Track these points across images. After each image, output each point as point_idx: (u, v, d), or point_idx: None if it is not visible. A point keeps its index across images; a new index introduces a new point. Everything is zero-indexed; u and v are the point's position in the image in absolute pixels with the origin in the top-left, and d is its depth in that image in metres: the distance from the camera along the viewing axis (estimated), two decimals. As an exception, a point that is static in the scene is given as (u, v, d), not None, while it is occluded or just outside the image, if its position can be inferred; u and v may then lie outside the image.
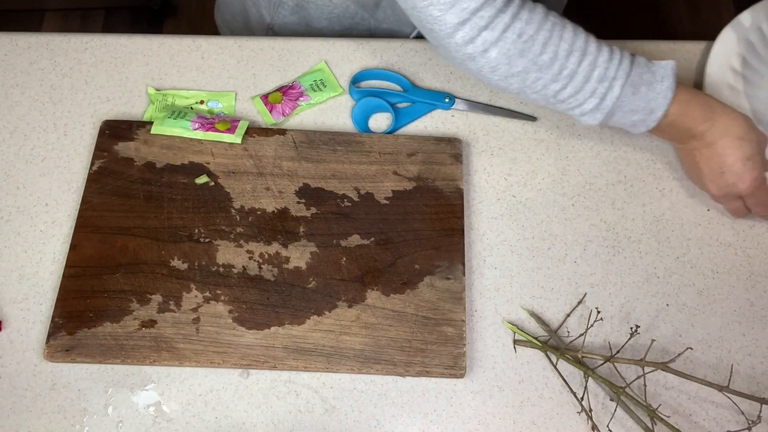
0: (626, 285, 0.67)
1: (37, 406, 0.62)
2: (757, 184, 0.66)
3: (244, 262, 0.66)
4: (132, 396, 0.62)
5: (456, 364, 0.62)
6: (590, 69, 0.61)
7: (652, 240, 0.69)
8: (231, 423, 0.61)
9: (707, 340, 0.65)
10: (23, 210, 0.69)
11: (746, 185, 0.65)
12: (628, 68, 0.61)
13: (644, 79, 0.62)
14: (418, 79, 0.77)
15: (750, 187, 0.65)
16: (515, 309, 0.66)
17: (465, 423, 0.62)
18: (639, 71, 0.62)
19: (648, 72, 0.63)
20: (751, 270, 0.68)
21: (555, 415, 0.62)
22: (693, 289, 0.67)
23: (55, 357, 0.62)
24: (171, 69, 0.77)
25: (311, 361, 0.62)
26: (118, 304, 0.64)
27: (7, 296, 0.66)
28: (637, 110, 0.63)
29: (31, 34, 0.78)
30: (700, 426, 0.62)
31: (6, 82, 0.76)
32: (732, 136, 0.65)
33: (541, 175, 0.72)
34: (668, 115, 0.64)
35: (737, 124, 0.65)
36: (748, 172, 0.65)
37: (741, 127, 0.65)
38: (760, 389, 0.64)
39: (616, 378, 0.63)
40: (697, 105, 0.65)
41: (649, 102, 0.63)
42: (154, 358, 0.62)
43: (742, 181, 0.65)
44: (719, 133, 0.65)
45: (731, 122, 0.65)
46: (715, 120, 0.65)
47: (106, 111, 0.74)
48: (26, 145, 0.72)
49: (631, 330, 0.64)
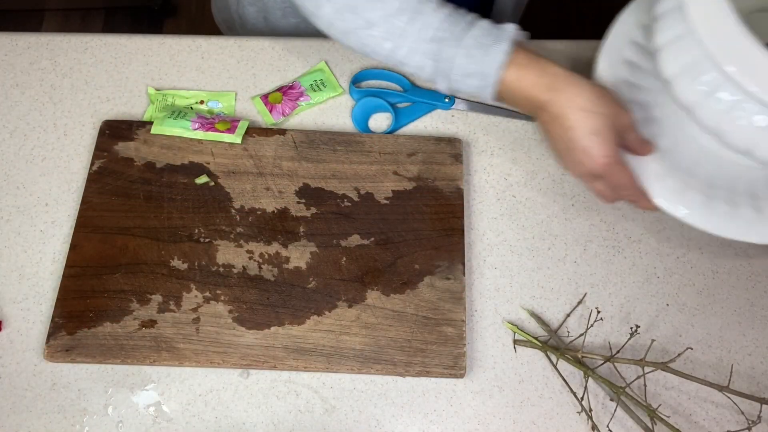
0: (626, 285, 0.67)
1: (37, 406, 0.62)
2: (608, 163, 0.59)
3: (244, 262, 0.66)
4: (132, 396, 0.62)
5: (456, 364, 0.62)
6: (422, 29, 0.59)
7: (652, 240, 0.69)
8: (231, 423, 0.61)
9: (707, 340, 0.65)
10: (23, 210, 0.69)
11: (595, 163, 0.59)
12: (462, 31, 0.59)
13: (481, 42, 0.59)
14: (418, 79, 0.77)
15: (601, 165, 0.59)
16: (515, 309, 0.66)
17: (465, 423, 0.62)
18: (476, 34, 0.59)
19: (488, 35, 0.59)
20: (751, 270, 0.68)
21: (555, 415, 0.62)
22: (693, 289, 0.67)
23: (55, 357, 0.62)
24: (171, 69, 0.77)
25: (311, 361, 0.62)
26: (118, 304, 0.64)
27: (7, 296, 0.66)
28: (473, 74, 0.60)
29: (31, 34, 0.78)
30: (700, 426, 0.62)
31: (6, 82, 0.76)
32: (576, 108, 0.58)
33: (541, 175, 0.72)
34: (505, 81, 0.60)
35: (584, 95, 0.58)
36: (595, 147, 0.58)
37: (587, 98, 0.58)
38: (760, 389, 0.64)
39: (616, 378, 0.63)
40: (537, 72, 0.59)
41: (483, 66, 0.59)
42: (154, 358, 0.62)
43: (590, 159, 0.59)
44: (563, 104, 0.59)
45: (577, 93, 0.59)
46: (558, 90, 0.59)
47: (106, 111, 0.74)
48: (26, 145, 0.72)
49: (631, 330, 0.64)
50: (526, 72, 0.59)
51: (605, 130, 0.58)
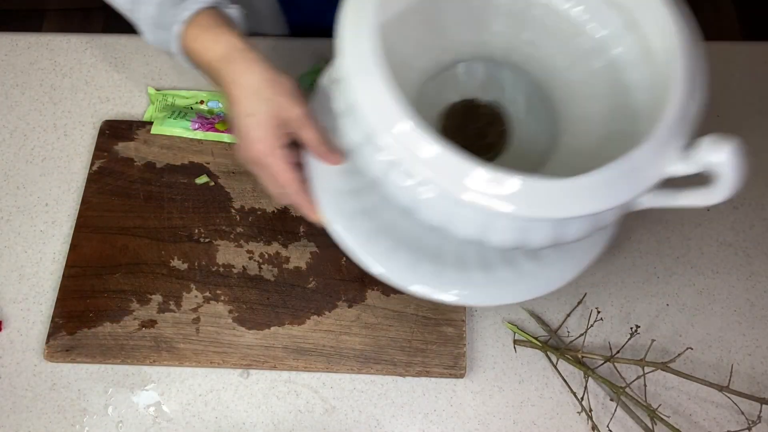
0: (626, 285, 0.67)
1: (37, 406, 0.62)
2: (262, 151, 0.54)
3: (244, 262, 0.66)
4: (132, 396, 0.62)
5: (456, 364, 0.62)
6: None
7: (652, 240, 0.69)
8: (231, 423, 0.61)
9: (707, 340, 0.65)
10: (23, 210, 0.69)
11: (249, 148, 0.54)
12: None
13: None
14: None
15: (255, 152, 0.54)
16: (515, 309, 0.66)
17: (465, 423, 0.62)
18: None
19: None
20: (751, 270, 0.68)
21: (555, 415, 0.62)
22: (693, 289, 0.67)
23: (55, 357, 0.62)
24: (171, 69, 0.77)
25: (311, 361, 0.62)
26: (118, 304, 0.64)
27: (7, 296, 0.66)
28: (159, 25, 0.57)
29: (31, 34, 0.78)
30: (700, 426, 0.62)
31: (6, 82, 0.76)
32: (241, 85, 0.54)
33: (541, 175, 0.72)
34: (184, 39, 0.57)
35: (254, 74, 0.54)
36: (251, 131, 0.53)
37: (256, 79, 0.54)
38: (760, 389, 0.64)
39: (616, 378, 0.63)
40: (213, 37, 0.55)
41: (167, 18, 0.57)
42: (154, 358, 0.62)
43: (245, 142, 0.54)
44: (231, 78, 0.54)
45: (247, 69, 0.54)
46: (231, 61, 0.54)
47: (106, 111, 0.74)
48: (26, 145, 0.72)
49: (631, 330, 0.64)
50: (204, 34, 0.56)
51: (263, 116, 0.54)
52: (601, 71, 0.53)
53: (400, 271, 0.55)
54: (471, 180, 0.42)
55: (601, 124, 0.53)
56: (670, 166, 0.42)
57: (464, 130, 0.56)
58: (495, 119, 0.56)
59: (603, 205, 0.42)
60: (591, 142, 0.53)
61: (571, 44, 0.54)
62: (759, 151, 0.73)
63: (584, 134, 0.54)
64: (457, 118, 0.57)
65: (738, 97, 0.76)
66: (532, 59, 0.56)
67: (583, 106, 0.54)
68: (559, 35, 0.54)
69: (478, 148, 0.55)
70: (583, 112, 0.54)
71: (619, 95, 0.52)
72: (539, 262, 0.55)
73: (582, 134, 0.54)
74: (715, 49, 0.79)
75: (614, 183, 0.42)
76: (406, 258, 0.55)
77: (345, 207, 0.56)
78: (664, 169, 0.43)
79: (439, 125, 0.57)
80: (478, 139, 0.56)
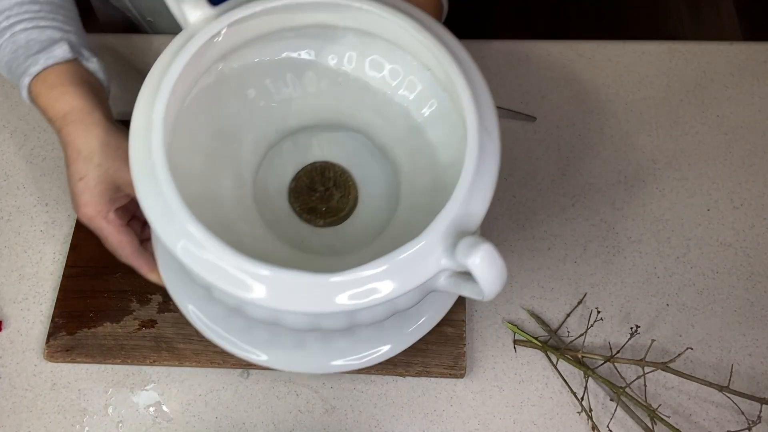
0: (626, 285, 0.67)
1: (37, 406, 0.62)
2: (92, 217, 0.54)
3: (244, 262, 0.66)
4: (132, 396, 0.62)
5: (456, 364, 0.62)
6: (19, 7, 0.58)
7: (652, 240, 0.69)
8: (231, 423, 0.61)
9: (707, 340, 0.65)
10: (23, 210, 0.69)
11: (80, 212, 0.54)
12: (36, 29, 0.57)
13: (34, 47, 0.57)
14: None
15: (84, 216, 0.54)
16: (515, 309, 0.66)
17: (465, 423, 0.62)
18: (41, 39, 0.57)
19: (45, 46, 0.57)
20: (751, 270, 0.68)
21: (555, 415, 0.62)
22: (693, 289, 0.67)
23: (55, 357, 0.62)
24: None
25: (311, 361, 0.62)
26: (118, 304, 0.64)
27: (7, 296, 0.66)
28: (15, 74, 0.58)
29: (31, 34, 0.78)
30: (700, 426, 0.62)
31: (6, 82, 0.76)
32: (75, 148, 0.54)
33: (541, 175, 0.72)
34: (31, 91, 0.57)
35: (88, 137, 0.54)
36: (81, 196, 0.54)
37: (90, 142, 0.54)
38: (760, 389, 0.64)
39: (616, 378, 0.63)
40: (56, 97, 0.55)
41: (24, 69, 0.57)
42: (154, 358, 0.62)
43: (77, 206, 0.54)
44: (67, 140, 0.55)
45: (83, 133, 0.54)
46: (70, 122, 0.55)
47: (106, 111, 0.74)
48: (26, 145, 0.72)
49: (631, 330, 0.64)
50: (49, 92, 0.56)
51: (92, 181, 0.54)
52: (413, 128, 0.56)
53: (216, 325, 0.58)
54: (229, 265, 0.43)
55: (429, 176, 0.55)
56: (440, 261, 0.43)
57: (312, 193, 0.58)
58: (344, 181, 0.59)
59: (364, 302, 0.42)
60: (424, 196, 0.55)
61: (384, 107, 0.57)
62: (759, 152, 0.73)
63: (417, 187, 0.56)
64: (305, 181, 0.59)
65: (738, 97, 0.76)
66: (365, 123, 0.59)
67: (411, 160, 0.57)
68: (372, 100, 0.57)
69: (327, 211, 0.58)
70: (412, 167, 0.57)
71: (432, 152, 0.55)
72: (352, 338, 0.57)
73: (416, 187, 0.56)
74: (715, 49, 0.79)
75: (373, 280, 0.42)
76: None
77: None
78: (429, 269, 0.43)
79: (289, 189, 0.59)
80: (326, 201, 0.58)
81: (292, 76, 0.57)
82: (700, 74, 0.78)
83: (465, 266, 0.41)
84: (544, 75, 0.77)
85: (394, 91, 0.57)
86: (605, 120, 0.75)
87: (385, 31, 0.52)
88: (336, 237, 0.58)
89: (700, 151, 0.74)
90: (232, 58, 0.53)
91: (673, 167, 0.73)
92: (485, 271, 0.40)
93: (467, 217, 0.44)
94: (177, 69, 0.47)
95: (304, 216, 0.58)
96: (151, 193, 0.44)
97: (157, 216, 0.44)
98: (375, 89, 0.57)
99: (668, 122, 0.75)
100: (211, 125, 0.54)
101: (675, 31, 1.74)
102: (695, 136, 0.74)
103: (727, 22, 1.76)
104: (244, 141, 0.57)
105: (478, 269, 0.40)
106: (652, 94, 0.76)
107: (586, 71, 0.78)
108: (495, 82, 0.76)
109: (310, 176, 0.59)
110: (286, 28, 0.53)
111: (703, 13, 1.77)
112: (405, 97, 0.56)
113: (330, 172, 0.59)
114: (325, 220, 0.57)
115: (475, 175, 0.44)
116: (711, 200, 0.71)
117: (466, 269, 0.41)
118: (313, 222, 0.58)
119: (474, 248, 0.40)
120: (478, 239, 0.40)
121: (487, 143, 0.46)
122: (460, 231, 0.43)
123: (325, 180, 0.59)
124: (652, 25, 1.74)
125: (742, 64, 0.78)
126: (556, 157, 0.73)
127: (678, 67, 0.78)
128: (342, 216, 0.58)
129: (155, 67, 0.49)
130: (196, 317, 0.57)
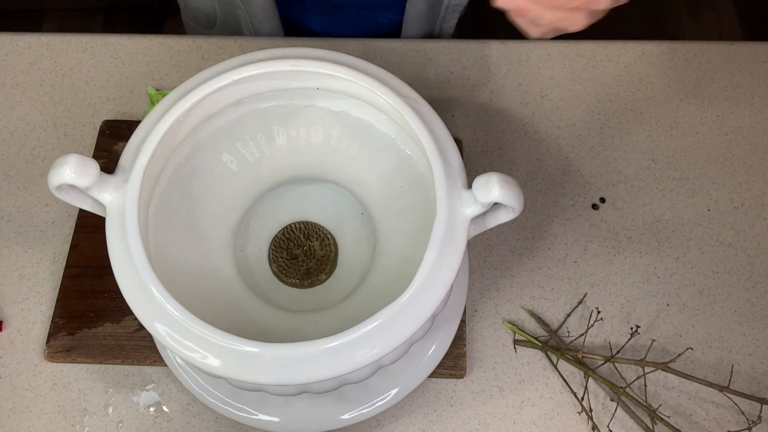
0: (626, 285, 0.67)
1: (37, 406, 0.62)
2: None
3: (244, 262, 0.66)
4: (132, 396, 0.62)
5: (456, 365, 0.62)
6: None
7: (652, 240, 0.69)
8: (231, 423, 0.61)
9: (707, 340, 0.65)
10: (23, 210, 0.69)
11: None
12: None
13: None
14: (418, 80, 0.77)
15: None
16: (515, 309, 0.66)
17: (465, 423, 0.62)
18: None
19: None
20: (751, 270, 0.68)
21: (555, 415, 0.62)
22: (693, 289, 0.67)
23: (56, 357, 0.62)
24: (171, 69, 0.77)
25: (311, 361, 0.62)
26: (118, 304, 0.64)
27: (7, 296, 0.66)
28: None
29: (31, 34, 0.78)
30: (700, 426, 0.62)
31: (6, 82, 0.76)
32: None
33: (541, 175, 0.72)
34: None
35: None
36: None
37: None
38: (760, 389, 0.64)
39: (616, 378, 0.63)
40: None
41: None
42: (154, 358, 0.62)
43: None
44: None
45: None
46: None
47: (106, 111, 0.74)
48: (26, 145, 0.72)
49: (631, 330, 0.64)
50: None
51: None
52: (395, 163, 0.57)
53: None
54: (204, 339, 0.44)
55: (409, 222, 0.56)
56: (465, 213, 0.47)
57: (294, 251, 0.60)
58: (323, 237, 0.60)
59: (342, 369, 0.44)
60: (402, 241, 0.56)
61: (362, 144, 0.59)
62: (759, 152, 0.73)
63: (395, 233, 0.57)
64: (286, 239, 0.60)
65: (738, 97, 0.76)
66: (337, 178, 0.60)
67: (388, 207, 0.58)
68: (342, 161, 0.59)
69: (308, 269, 0.59)
70: (389, 211, 0.58)
71: (419, 188, 0.56)
72: (341, 400, 0.59)
73: (394, 234, 0.57)
74: (715, 49, 0.79)
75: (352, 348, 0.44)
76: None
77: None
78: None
79: (270, 248, 0.60)
80: (308, 259, 0.60)
81: (262, 136, 0.59)
82: (700, 74, 0.78)
83: (490, 202, 0.46)
84: (544, 75, 0.77)
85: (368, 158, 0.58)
86: (605, 120, 0.75)
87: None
88: (323, 292, 0.59)
89: (700, 151, 0.74)
90: (199, 129, 0.55)
91: (673, 167, 0.73)
92: (509, 195, 0.45)
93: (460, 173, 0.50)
94: (147, 154, 0.49)
95: (286, 280, 0.59)
96: (128, 274, 0.46)
97: (133, 295, 0.46)
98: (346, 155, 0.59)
99: (668, 122, 0.75)
100: (188, 199, 0.56)
101: (675, 31, 1.74)
102: (695, 136, 0.74)
103: (727, 22, 1.76)
104: (219, 207, 0.58)
105: (503, 196, 0.45)
106: (652, 94, 0.76)
107: (586, 71, 0.78)
108: (495, 82, 0.76)
109: (291, 235, 0.60)
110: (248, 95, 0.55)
111: (703, 13, 1.77)
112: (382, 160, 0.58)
113: (311, 228, 0.60)
114: (309, 280, 0.59)
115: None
116: (711, 200, 0.71)
117: (491, 203, 0.46)
118: (297, 285, 0.59)
119: (489, 184, 0.45)
120: (488, 176, 0.45)
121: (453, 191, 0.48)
122: (463, 183, 0.49)
123: (302, 241, 0.60)
124: (652, 25, 1.74)
125: (742, 64, 0.78)
126: (556, 157, 0.73)
127: (678, 67, 0.78)
128: (322, 279, 0.59)
129: (127, 149, 0.51)
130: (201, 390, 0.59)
